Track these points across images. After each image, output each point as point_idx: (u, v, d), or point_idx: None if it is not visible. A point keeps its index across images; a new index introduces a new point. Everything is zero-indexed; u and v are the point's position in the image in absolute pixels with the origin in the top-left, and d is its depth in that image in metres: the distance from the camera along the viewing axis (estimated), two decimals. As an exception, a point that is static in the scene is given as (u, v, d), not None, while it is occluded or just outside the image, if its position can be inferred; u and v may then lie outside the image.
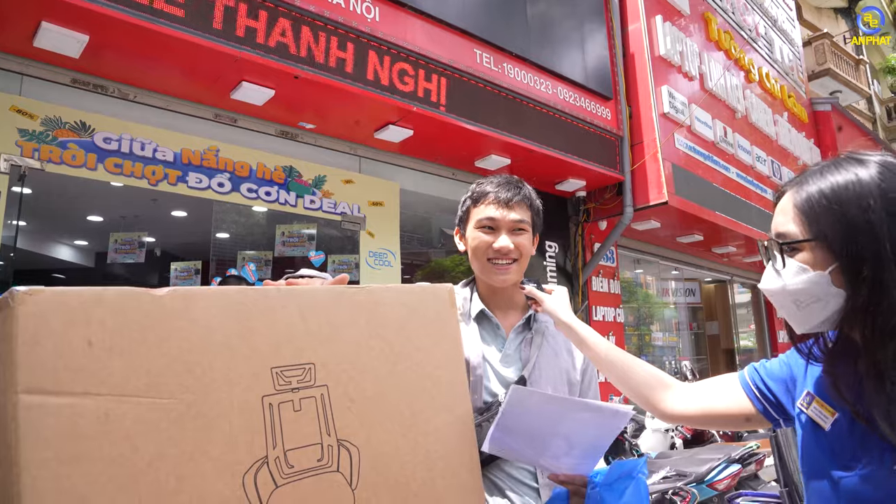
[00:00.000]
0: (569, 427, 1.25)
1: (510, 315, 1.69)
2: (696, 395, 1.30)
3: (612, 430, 1.28)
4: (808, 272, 0.99)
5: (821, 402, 1.07)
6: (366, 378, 1.02)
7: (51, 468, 0.73)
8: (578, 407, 1.28)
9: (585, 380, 1.68)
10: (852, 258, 0.94)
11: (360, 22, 4.88)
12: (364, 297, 1.07)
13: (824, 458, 1.04)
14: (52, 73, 4.28)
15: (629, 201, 7.29)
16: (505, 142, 5.95)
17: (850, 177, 0.97)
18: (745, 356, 12.24)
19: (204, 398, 0.86)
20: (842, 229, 0.95)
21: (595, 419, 1.26)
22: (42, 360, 0.75)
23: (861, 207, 0.94)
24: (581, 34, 7.18)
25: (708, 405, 1.27)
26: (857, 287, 0.94)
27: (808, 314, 1.01)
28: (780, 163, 10.37)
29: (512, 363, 1.61)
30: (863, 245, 0.93)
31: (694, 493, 4.03)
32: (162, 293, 0.86)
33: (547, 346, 1.65)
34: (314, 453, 0.94)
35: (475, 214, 1.66)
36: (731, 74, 9.43)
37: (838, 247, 0.95)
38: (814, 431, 1.08)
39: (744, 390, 1.25)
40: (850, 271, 0.94)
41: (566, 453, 1.30)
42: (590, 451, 1.31)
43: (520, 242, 1.62)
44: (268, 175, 5.20)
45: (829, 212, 0.97)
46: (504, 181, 1.68)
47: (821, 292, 0.98)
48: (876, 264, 0.92)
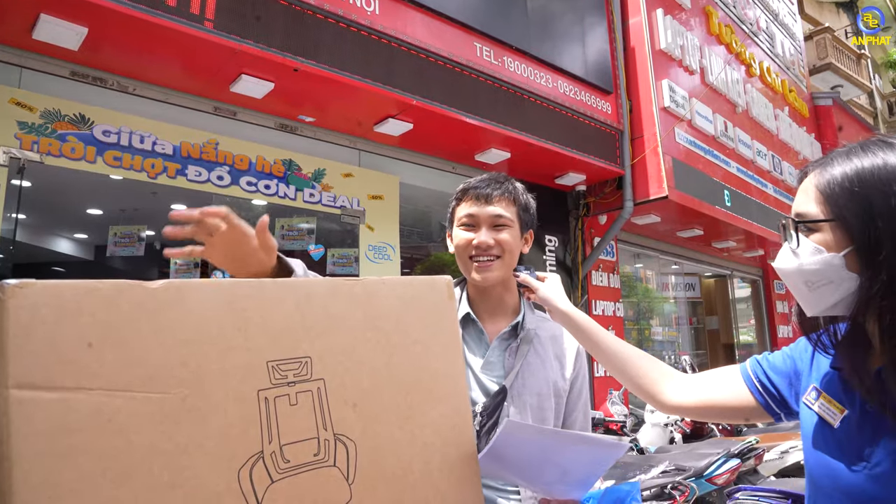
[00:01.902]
0: (563, 458, 1.21)
1: (498, 320, 1.64)
2: (697, 386, 1.28)
3: (607, 461, 1.24)
4: (823, 253, 0.97)
5: (828, 399, 1.05)
6: (362, 371, 1.02)
7: (43, 463, 0.72)
8: (573, 440, 1.24)
9: (575, 389, 1.63)
10: (870, 242, 0.92)
11: (359, 15, 4.86)
12: (361, 289, 1.06)
13: (832, 455, 1.02)
14: (51, 66, 4.26)
15: (629, 195, 7.28)
16: (505, 135, 5.93)
17: (877, 161, 0.95)
18: (745, 351, 12.24)
19: (199, 392, 0.85)
20: (861, 212, 0.93)
21: (591, 451, 1.21)
22: (34, 354, 0.74)
23: (884, 192, 0.92)
24: (581, 28, 7.16)
25: (708, 397, 1.25)
26: (875, 271, 0.92)
27: (818, 296, 0.99)
28: (780, 157, 10.35)
29: (494, 371, 1.56)
30: (882, 229, 0.91)
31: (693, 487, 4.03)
32: (155, 285, 0.85)
33: (533, 355, 1.59)
34: (311, 447, 0.94)
35: (457, 213, 1.63)
36: (732, 69, 9.40)
37: (857, 229, 0.93)
38: (821, 428, 1.05)
39: (745, 383, 1.23)
40: (866, 255, 0.92)
41: (560, 480, 1.26)
42: (584, 479, 1.27)
43: (501, 238, 1.57)
44: (267, 168, 5.18)
45: (850, 194, 0.95)
46: (487, 177, 1.64)
47: (833, 274, 0.96)
48: (894, 250, 0.90)
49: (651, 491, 4.01)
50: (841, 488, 0.99)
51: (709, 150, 8.26)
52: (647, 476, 4.17)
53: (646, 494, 4.01)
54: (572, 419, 1.63)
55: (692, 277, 11.83)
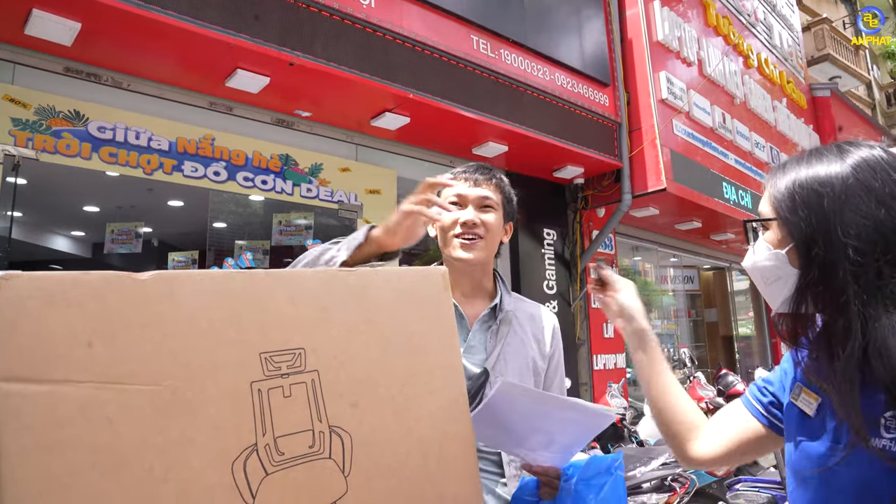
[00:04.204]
0: (551, 424, 1.23)
1: (476, 303, 1.66)
2: (717, 434, 1.26)
3: (593, 429, 1.26)
4: (770, 250, 1.06)
5: (806, 391, 1.08)
6: (357, 363, 1.01)
7: (31, 456, 0.71)
8: (564, 406, 1.25)
9: (551, 367, 1.68)
10: (805, 239, 1.00)
11: (355, 8, 4.83)
12: (355, 280, 1.05)
13: (807, 444, 1.04)
14: (45, 62, 4.23)
15: (627, 188, 7.26)
16: (502, 129, 5.91)
17: (821, 167, 1.03)
18: (744, 343, 12.26)
19: (189, 384, 0.84)
20: (798, 212, 1.01)
21: (579, 418, 1.24)
22: (20, 346, 0.73)
23: (819, 193, 1.00)
24: (578, 20, 7.13)
25: (728, 441, 1.24)
26: (808, 266, 1.00)
27: (773, 291, 1.08)
28: (778, 149, 10.33)
29: (476, 354, 1.59)
30: (815, 227, 0.99)
31: (693, 479, 4.03)
32: (145, 277, 0.84)
33: (513, 336, 1.63)
34: (305, 440, 0.93)
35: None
36: (730, 60, 9.37)
37: (793, 228, 1.02)
38: (801, 420, 1.08)
39: (747, 409, 1.23)
40: (802, 251, 1.01)
41: (545, 447, 1.28)
42: (568, 447, 1.29)
43: (487, 220, 1.61)
44: (264, 163, 5.17)
45: (791, 195, 1.03)
46: (476, 164, 1.70)
47: (780, 271, 1.05)
48: (826, 246, 0.97)
49: (651, 483, 4.01)
50: (820, 473, 1.01)
51: (707, 142, 8.25)
52: (647, 468, 4.17)
53: (646, 486, 4.01)
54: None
55: (691, 270, 11.83)
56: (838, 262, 0.96)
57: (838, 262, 0.96)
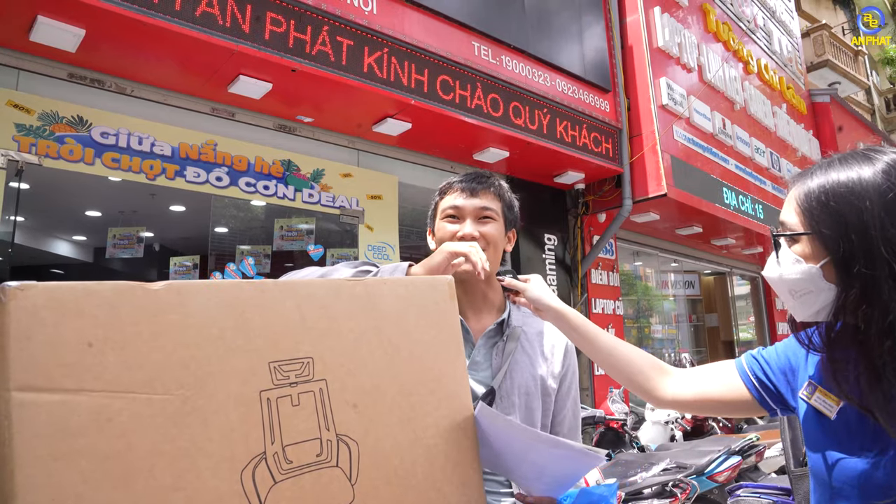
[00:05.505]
0: (537, 457, 1.18)
1: (483, 317, 1.58)
2: (692, 380, 1.28)
3: (583, 468, 1.21)
4: (802, 264, 1.01)
5: (824, 392, 1.06)
6: (364, 372, 1.01)
7: (45, 465, 0.72)
8: (548, 442, 1.18)
9: (564, 386, 1.59)
10: (844, 255, 0.95)
11: (357, 15, 4.85)
12: (362, 289, 1.06)
13: (833, 447, 1.03)
14: (49, 68, 4.25)
15: (628, 193, 7.27)
16: (503, 134, 5.93)
17: (853, 174, 0.97)
18: (745, 348, 12.23)
19: (200, 393, 0.85)
20: (835, 226, 0.96)
21: (566, 456, 1.17)
22: (35, 356, 0.74)
23: (856, 207, 0.95)
24: (579, 26, 7.15)
25: (703, 391, 1.26)
26: (848, 283, 0.95)
27: (802, 304, 1.03)
28: (778, 154, 10.35)
29: (480, 371, 1.51)
30: (855, 243, 0.94)
31: (694, 484, 4.03)
32: (156, 287, 0.85)
33: (520, 352, 1.54)
34: (313, 448, 0.93)
35: (441, 206, 1.60)
36: (730, 66, 9.39)
37: (831, 243, 0.97)
38: (818, 421, 1.07)
39: (741, 378, 1.23)
40: (841, 268, 0.96)
41: (536, 478, 1.24)
42: (561, 479, 1.24)
43: (486, 231, 1.54)
44: (266, 169, 5.18)
45: (825, 208, 0.98)
46: (472, 173, 1.62)
47: (812, 285, 1.00)
48: (868, 263, 0.93)
49: (652, 489, 4.01)
50: (847, 479, 1.00)
51: (707, 148, 8.26)
52: (648, 474, 4.17)
53: (647, 492, 4.01)
54: (561, 417, 1.60)
55: (691, 275, 11.85)
56: (882, 279, 0.92)
57: (882, 279, 0.92)
